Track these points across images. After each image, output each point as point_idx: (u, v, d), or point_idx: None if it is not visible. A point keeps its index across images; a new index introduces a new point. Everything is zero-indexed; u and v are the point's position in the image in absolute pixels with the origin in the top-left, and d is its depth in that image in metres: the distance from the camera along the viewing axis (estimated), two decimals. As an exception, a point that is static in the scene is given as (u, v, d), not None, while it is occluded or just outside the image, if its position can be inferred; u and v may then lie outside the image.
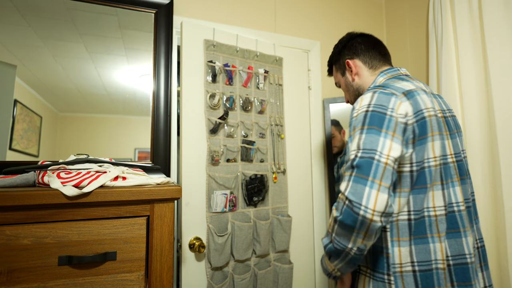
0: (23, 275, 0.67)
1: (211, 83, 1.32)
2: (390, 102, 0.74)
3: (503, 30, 1.25)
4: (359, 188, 0.65)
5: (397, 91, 0.77)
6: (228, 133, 1.33)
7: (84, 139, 1.19)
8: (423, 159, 0.74)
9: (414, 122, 0.74)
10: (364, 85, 0.97)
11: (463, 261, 0.73)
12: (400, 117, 0.72)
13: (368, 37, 1.01)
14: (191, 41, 1.31)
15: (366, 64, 0.97)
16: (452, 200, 0.76)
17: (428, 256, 0.72)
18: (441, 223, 0.74)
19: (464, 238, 0.74)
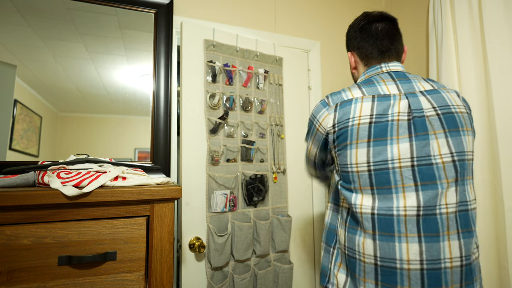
0: (23, 275, 0.67)
1: (211, 83, 1.32)
2: (319, 113, 0.89)
3: (503, 29, 1.25)
4: None
5: (334, 101, 0.86)
6: (228, 133, 1.33)
7: (84, 139, 1.19)
8: (345, 163, 0.82)
9: (334, 132, 0.85)
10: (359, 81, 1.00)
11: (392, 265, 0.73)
12: (322, 129, 0.88)
13: (378, 26, 0.92)
14: (191, 41, 1.31)
15: (362, 60, 0.95)
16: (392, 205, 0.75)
17: (354, 245, 0.80)
18: (366, 221, 0.78)
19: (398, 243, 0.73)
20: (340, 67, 1.84)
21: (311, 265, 1.57)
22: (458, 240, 0.73)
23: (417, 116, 0.77)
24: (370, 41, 0.93)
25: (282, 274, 1.37)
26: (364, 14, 0.96)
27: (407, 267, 0.72)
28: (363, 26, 0.95)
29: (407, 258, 0.72)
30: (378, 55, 0.93)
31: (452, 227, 0.73)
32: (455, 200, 0.74)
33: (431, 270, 0.71)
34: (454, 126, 0.78)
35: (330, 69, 1.80)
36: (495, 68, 1.26)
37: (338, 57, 1.84)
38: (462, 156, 0.76)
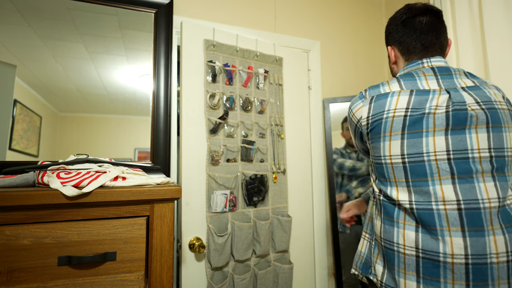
0: (23, 275, 0.67)
1: (211, 83, 1.32)
2: (354, 104, 0.92)
3: (503, 29, 1.25)
4: None
5: (371, 94, 0.88)
6: (228, 133, 1.33)
7: (84, 139, 1.19)
8: (379, 155, 0.83)
9: (367, 124, 0.86)
10: None
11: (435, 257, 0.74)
12: (354, 119, 0.91)
13: (422, 20, 0.89)
14: (191, 41, 1.31)
15: (403, 55, 0.94)
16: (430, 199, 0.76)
17: (392, 237, 0.81)
18: (408, 215, 0.79)
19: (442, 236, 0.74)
20: (340, 67, 1.84)
21: (311, 265, 1.57)
22: (503, 235, 0.72)
23: (458, 109, 0.76)
24: (413, 36, 0.90)
25: (282, 274, 1.36)
26: (407, 7, 0.93)
27: (451, 261, 0.72)
28: (406, 20, 0.92)
29: (451, 252, 0.72)
30: (421, 50, 0.90)
31: (495, 221, 0.72)
32: (496, 195, 0.74)
33: (476, 265, 0.71)
34: (497, 122, 0.77)
35: (330, 69, 1.80)
36: (495, 67, 1.26)
37: (338, 57, 1.84)
38: (501, 152, 0.76)
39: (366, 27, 1.95)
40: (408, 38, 0.91)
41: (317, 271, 1.58)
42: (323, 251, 1.63)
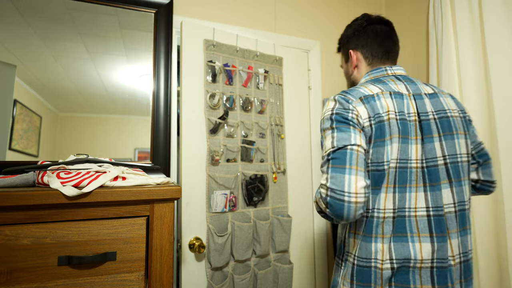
0: (23, 275, 0.67)
1: (211, 83, 1.32)
2: (350, 105, 0.80)
3: (503, 28, 1.25)
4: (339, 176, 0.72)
5: (355, 96, 0.81)
6: (228, 133, 1.33)
7: (84, 139, 1.19)
8: (381, 161, 0.77)
9: (371, 125, 0.78)
10: (358, 80, 0.97)
11: (408, 264, 0.75)
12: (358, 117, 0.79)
13: (381, 28, 0.95)
14: (191, 41, 1.31)
15: (366, 59, 0.95)
16: (405, 205, 0.77)
17: (369, 255, 0.77)
18: (386, 225, 0.77)
19: (412, 243, 0.75)
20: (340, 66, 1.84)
21: (311, 265, 1.57)
22: (457, 238, 0.78)
23: (424, 119, 0.80)
24: (376, 41, 0.94)
25: (282, 274, 1.36)
26: (366, 16, 0.98)
27: (419, 266, 0.75)
28: (367, 26, 0.96)
29: (421, 257, 0.75)
30: (383, 56, 0.94)
31: (453, 226, 0.77)
32: (452, 201, 0.78)
33: (440, 268, 0.75)
34: (448, 130, 0.81)
35: (330, 69, 1.80)
36: (495, 68, 1.26)
37: (338, 57, 1.84)
38: (454, 158, 0.80)
39: (366, 27, 1.95)
40: (371, 42, 0.94)
41: (317, 271, 1.58)
42: (323, 251, 1.63)
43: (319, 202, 0.75)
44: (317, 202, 0.76)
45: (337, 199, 0.70)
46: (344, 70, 1.06)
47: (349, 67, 1.00)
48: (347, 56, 1.00)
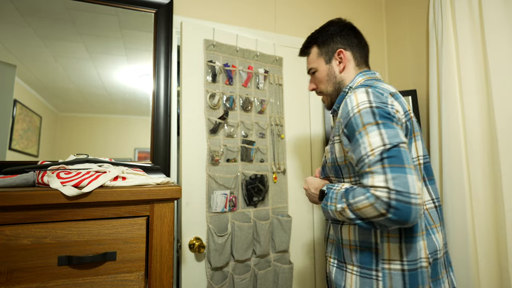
0: (23, 275, 0.67)
1: (211, 83, 1.32)
2: (387, 99, 0.76)
3: (503, 28, 1.25)
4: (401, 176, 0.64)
5: (385, 91, 0.79)
6: (228, 133, 1.33)
7: (84, 139, 1.19)
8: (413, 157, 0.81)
9: (406, 122, 0.79)
10: (346, 81, 0.93)
11: (436, 256, 0.78)
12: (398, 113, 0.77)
13: (359, 33, 0.97)
14: (191, 41, 1.31)
15: (355, 59, 0.94)
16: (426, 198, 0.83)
17: (415, 255, 0.74)
18: (422, 221, 0.79)
19: (433, 234, 0.79)
20: (340, 67, 1.84)
21: (311, 265, 1.57)
22: (442, 231, 0.84)
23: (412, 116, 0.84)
24: (361, 43, 0.95)
25: (282, 274, 1.36)
26: (342, 19, 0.98)
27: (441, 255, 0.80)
28: (351, 28, 0.96)
29: (441, 247, 0.81)
30: (366, 59, 0.97)
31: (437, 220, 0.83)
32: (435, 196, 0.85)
33: (446, 254, 0.84)
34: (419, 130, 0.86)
35: (330, 69, 1.80)
36: (495, 68, 1.26)
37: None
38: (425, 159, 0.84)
39: (367, 26, 1.95)
40: (358, 44, 0.94)
41: (317, 271, 1.58)
42: (323, 251, 1.63)
43: (373, 207, 0.64)
44: (367, 207, 0.65)
45: (404, 202, 0.62)
46: (322, 73, 0.96)
47: (334, 68, 0.94)
48: (330, 56, 0.94)
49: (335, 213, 0.75)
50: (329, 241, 0.92)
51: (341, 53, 0.93)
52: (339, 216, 0.74)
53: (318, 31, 0.98)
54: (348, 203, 0.70)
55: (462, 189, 1.33)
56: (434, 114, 1.51)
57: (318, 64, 0.97)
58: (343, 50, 0.93)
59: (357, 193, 0.68)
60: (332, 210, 0.75)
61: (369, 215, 0.66)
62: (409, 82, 1.79)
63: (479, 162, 1.30)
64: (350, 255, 0.80)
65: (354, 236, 0.80)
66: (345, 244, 0.82)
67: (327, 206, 0.77)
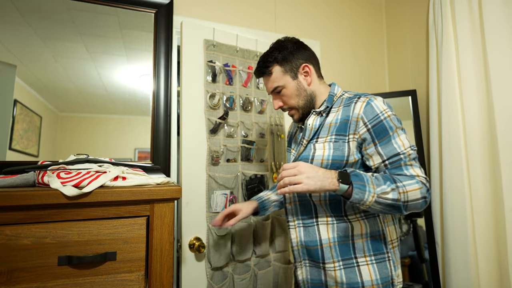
0: (23, 275, 0.67)
1: (211, 83, 1.32)
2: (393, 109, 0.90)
3: (503, 28, 1.25)
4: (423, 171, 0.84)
5: None
6: (228, 133, 1.33)
7: (84, 139, 1.19)
8: None
9: None
10: (317, 92, 0.98)
11: None
12: None
13: (309, 48, 1.03)
14: (191, 41, 1.31)
15: (316, 73, 1.00)
16: None
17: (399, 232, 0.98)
18: None
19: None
20: (340, 66, 1.84)
21: (311, 265, 1.57)
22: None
23: None
24: (315, 56, 1.02)
25: (282, 274, 1.36)
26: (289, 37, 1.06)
27: None
28: (303, 44, 1.02)
29: None
30: (320, 71, 1.03)
31: None
32: None
33: None
34: None
35: (330, 69, 1.80)
36: (495, 68, 1.26)
37: (338, 56, 1.84)
38: None
39: (367, 26, 1.95)
40: (315, 57, 1.01)
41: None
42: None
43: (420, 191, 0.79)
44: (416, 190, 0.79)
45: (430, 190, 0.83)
46: (291, 89, 0.97)
47: (302, 82, 0.97)
48: (295, 71, 0.97)
49: (369, 196, 0.76)
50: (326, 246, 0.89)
51: (307, 67, 0.97)
52: (372, 199, 0.77)
53: (275, 50, 1.00)
54: (396, 185, 0.78)
55: (462, 189, 1.33)
56: (434, 114, 1.51)
57: (285, 82, 0.97)
58: (308, 64, 0.97)
59: (403, 179, 0.79)
60: (370, 192, 0.76)
61: (413, 197, 0.78)
62: (409, 82, 1.79)
63: (479, 162, 1.30)
64: (363, 247, 0.87)
65: (366, 228, 0.88)
66: (357, 239, 0.87)
67: (364, 187, 0.76)
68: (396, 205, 0.78)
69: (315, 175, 0.79)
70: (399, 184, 0.78)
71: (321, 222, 0.91)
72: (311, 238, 0.91)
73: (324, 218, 0.91)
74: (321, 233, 0.90)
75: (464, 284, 1.31)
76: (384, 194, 0.77)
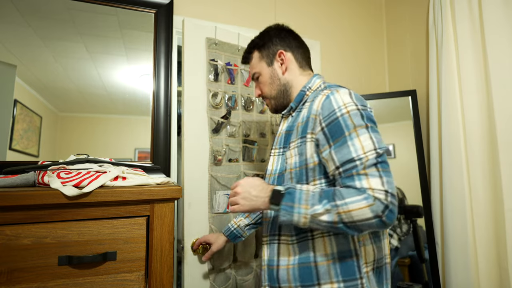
0: (23, 275, 0.67)
1: (213, 81, 1.31)
2: (366, 102, 0.77)
3: (503, 28, 1.25)
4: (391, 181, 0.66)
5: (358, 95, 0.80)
6: (230, 133, 1.32)
7: (84, 139, 1.19)
8: None
9: None
10: (293, 83, 0.90)
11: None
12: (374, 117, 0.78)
13: (299, 36, 0.97)
14: (193, 39, 1.29)
15: (297, 61, 0.92)
16: None
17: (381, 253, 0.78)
18: None
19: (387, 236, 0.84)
20: (340, 66, 1.84)
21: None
22: None
23: None
24: (301, 46, 0.95)
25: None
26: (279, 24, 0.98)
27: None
28: (290, 31, 0.96)
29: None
30: (308, 61, 0.96)
31: None
32: None
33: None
34: None
35: (330, 68, 1.80)
36: (495, 68, 1.26)
37: (338, 56, 1.84)
38: None
39: (367, 26, 1.95)
40: (297, 46, 0.94)
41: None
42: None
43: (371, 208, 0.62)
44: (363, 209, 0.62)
45: (395, 205, 0.64)
46: (265, 76, 0.93)
47: (277, 69, 0.91)
48: (271, 58, 0.92)
49: (301, 218, 0.67)
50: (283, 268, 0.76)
51: (282, 54, 0.90)
52: (305, 221, 0.67)
53: (258, 37, 0.96)
54: (333, 204, 0.64)
55: (462, 189, 1.33)
56: (434, 114, 1.51)
57: (261, 68, 0.94)
58: (283, 51, 0.90)
59: (348, 194, 0.64)
60: (300, 213, 0.67)
61: (360, 217, 0.63)
62: (409, 82, 1.79)
63: (479, 162, 1.30)
64: (328, 271, 0.71)
65: (332, 248, 0.72)
66: (321, 261, 0.72)
67: (292, 209, 0.67)
68: (336, 227, 0.65)
69: (248, 196, 0.75)
70: (339, 202, 0.64)
71: (283, 241, 0.79)
72: (270, 257, 0.80)
73: (287, 235, 0.78)
74: (280, 251, 0.78)
75: (464, 284, 1.30)
76: (318, 216, 0.65)
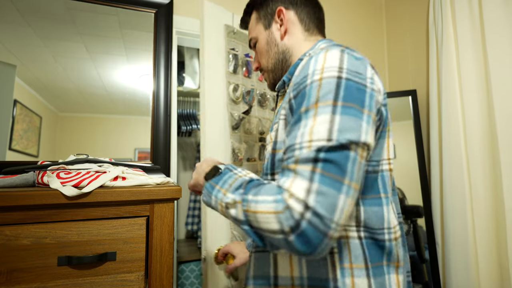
0: (22, 275, 0.67)
1: (232, 73, 1.16)
2: (367, 70, 0.52)
3: (504, 28, 1.25)
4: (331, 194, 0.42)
5: (365, 59, 0.55)
6: (247, 130, 1.21)
7: (84, 139, 1.19)
8: (380, 158, 0.56)
9: (382, 106, 0.54)
10: (293, 50, 0.70)
11: None
12: (378, 93, 0.53)
13: None
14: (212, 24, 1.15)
15: (302, 22, 0.71)
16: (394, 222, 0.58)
17: None
18: (400, 249, 0.56)
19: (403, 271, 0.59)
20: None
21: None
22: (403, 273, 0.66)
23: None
24: (313, 3, 0.74)
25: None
26: None
27: None
28: None
29: None
30: (319, 24, 0.74)
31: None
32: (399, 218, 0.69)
33: None
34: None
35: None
36: (496, 67, 1.26)
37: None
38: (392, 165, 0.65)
39: (367, 26, 1.95)
40: (307, 3, 0.72)
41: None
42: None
43: (277, 217, 0.43)
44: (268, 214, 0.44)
45: (319, 230, 0.41)
46: (261, 43, 0.74)
47: (274, 33, 0.72)
48: (270, 19, 0.73)
49: (217, 204, 0.53)
50: None
51: (281, 13, 0.70)
52: (222, 210, 0.53)
53: None
54: (245, 197, 0.48)
55: (462, 189, 1.33)
56: (434, 114, 1.51)
57: (258, 32, 0.75)
58: (283, 9, 0.70)
59: (264, 192, 0.46)
60: (217, 197, 0.53)
61: (264, 225, 0.44)
62: (409, 82, 1.79)
63: (479, 162, 1.30)
64: None
65: (300, 270, 0.53)
66: (284, 285, 0.54)
67: (212, 189, 0.55)
68: (243, 228, 0.49)
69: (199, 170, 0.64)
70: (251, 197, 0.47)
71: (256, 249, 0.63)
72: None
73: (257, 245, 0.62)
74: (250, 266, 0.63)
75: (464, 284, 1.30)
76: (228, 207, 0.50)
